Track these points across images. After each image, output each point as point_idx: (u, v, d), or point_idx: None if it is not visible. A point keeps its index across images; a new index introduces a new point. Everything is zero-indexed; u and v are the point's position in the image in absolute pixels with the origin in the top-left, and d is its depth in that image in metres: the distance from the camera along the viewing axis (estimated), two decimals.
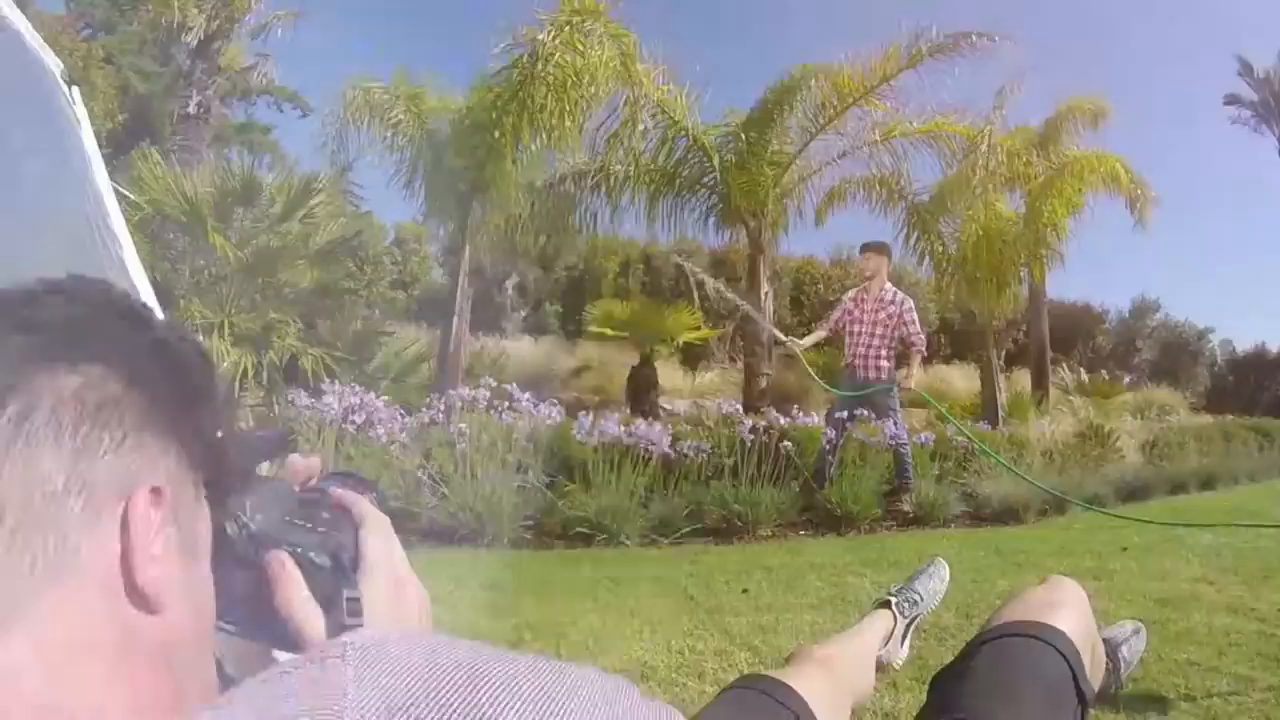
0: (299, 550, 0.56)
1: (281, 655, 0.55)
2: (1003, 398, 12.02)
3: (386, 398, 6.04)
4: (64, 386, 0.42)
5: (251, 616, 0.55)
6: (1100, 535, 5.72)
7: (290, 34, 16.63)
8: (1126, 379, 17.98)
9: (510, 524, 5.24)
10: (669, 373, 13.78)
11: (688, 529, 5.63)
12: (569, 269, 19.07)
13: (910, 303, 6.82)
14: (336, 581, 0.56)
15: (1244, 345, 27.23)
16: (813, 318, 15.23)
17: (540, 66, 8.24)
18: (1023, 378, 16.46)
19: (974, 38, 9.41)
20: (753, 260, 10.10)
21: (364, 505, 0.62)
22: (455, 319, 8.89)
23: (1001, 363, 18.56)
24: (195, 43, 15.12)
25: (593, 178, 10.64)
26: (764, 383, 8.87)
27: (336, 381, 6.09)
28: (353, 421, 5.56)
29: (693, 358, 15.64)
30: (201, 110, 15.65)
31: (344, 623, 0.53)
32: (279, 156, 17.82)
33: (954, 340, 21.41)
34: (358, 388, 5.89)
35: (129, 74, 15.63)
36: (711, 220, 10.43)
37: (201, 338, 7.57)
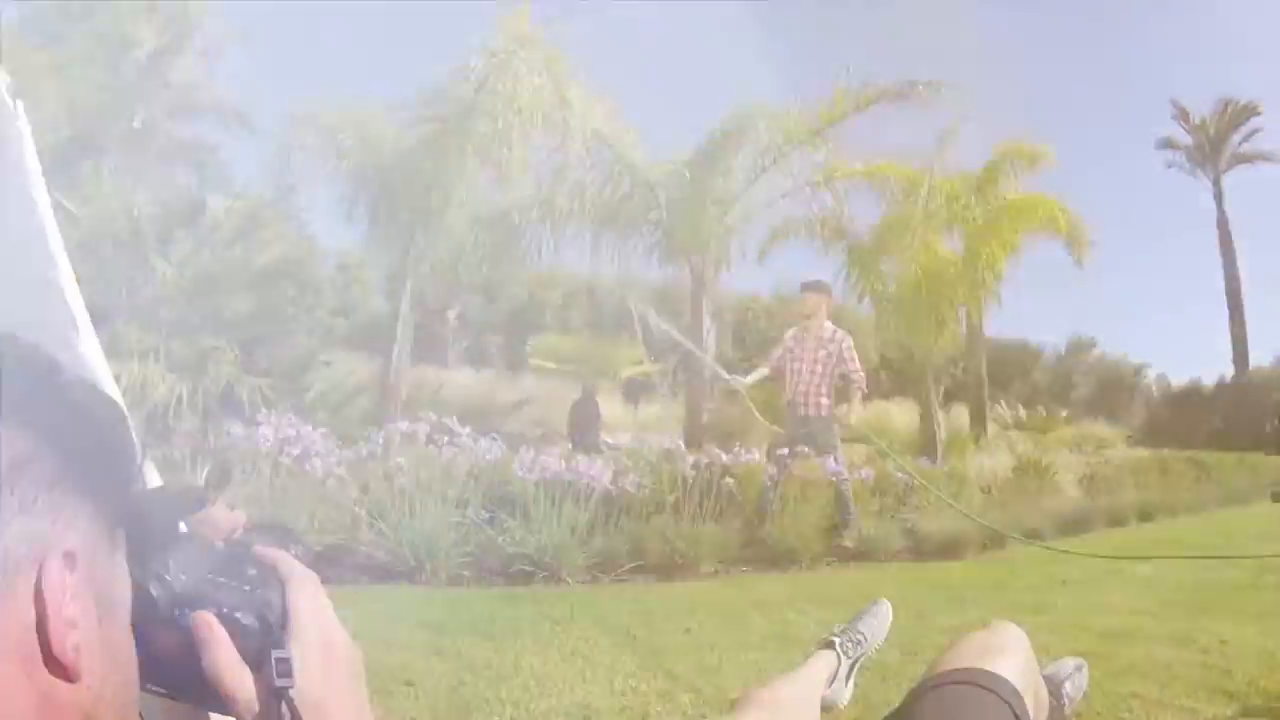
0: (224, 610, 0.53)
1: (215, 717, 0.54)
2: (941, 434, 12.23)
3: (324, 429, 5.89)
4: None
5: (180, 678, 0.52)
6: (1040, 569, 5.77)
7: (241, 53, 16.44)
8: (1063, 414, 18.42)
9: (449, 561, 5.10)
10: (611, 406, 13.72)
11: (630, 566, 5.57)
12: (512, 300, 19.03)
13: (849, 340, 6.91)
14: (264, 641, 0.53)
15: (1179, 381, 28.19)
16: (755, 353, 15.37)
17: (480, 97, 8.26)
18: (962, 414, 16.77)
19: (920, 86, 9.69)
20: (695, 296, 10.16)
21: (288, 562, 0.58)
22: (396, 349, 8.76)
23: (940, 399, 18.96)
24: (145, 57, 14.82)
25: (537, 210, 10.64)
26: (706, 418, 8.88)
27: (273, 412, 5.93)
28: (289, 453, 5.40)
29: (635, 392, 15.65)
30: (147, 126, 15.29)
31: (274, 684, 0.51)
32: (225, 177, 17.52)
33: (894, 377, 21.76)
34: (294, 418, 5.73)
35: (78, 85, 15.23)
36: (655, 256, 10.50)
37: (137, 362, 7.40)
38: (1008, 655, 1.23)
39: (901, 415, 16.46)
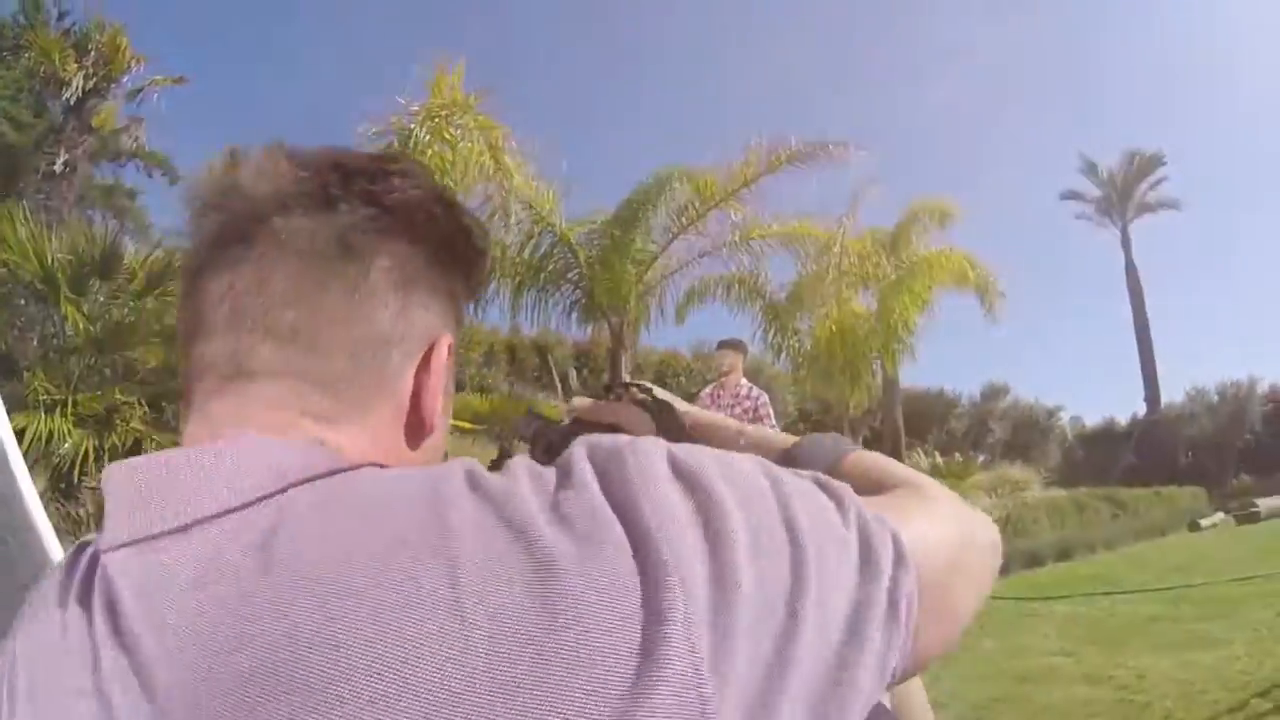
0: None
1: None
2: None
3: None
4: (395, 253, 0.54)
5: None
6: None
7: (167, 100, 16.07)
8: (980, 459, 18.84)
9: None
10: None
11: None
12: None
13: (765, 397, 7.00)
14: None
15: (1094, 421, 29.20)
16: None
17: (412, 155, 8.26)
18: None
19: (830, 146, 10.04)
20: (614, 355, 10.21)
21: None
22: None
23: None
24: (72, 99, 14.37)
25: None
26: None
27: None
28: None
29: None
30: (68, 169, 14.76)
31: None
32: (143, 225, 16.97)
33: (812, 429, 22.08)
34: None
35: (2, 122, 14.64)
36: (575, 314, 10.53)
37: (44, 415, 7.04)
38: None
39: None
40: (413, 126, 8.35)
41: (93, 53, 14.37)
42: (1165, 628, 4.92)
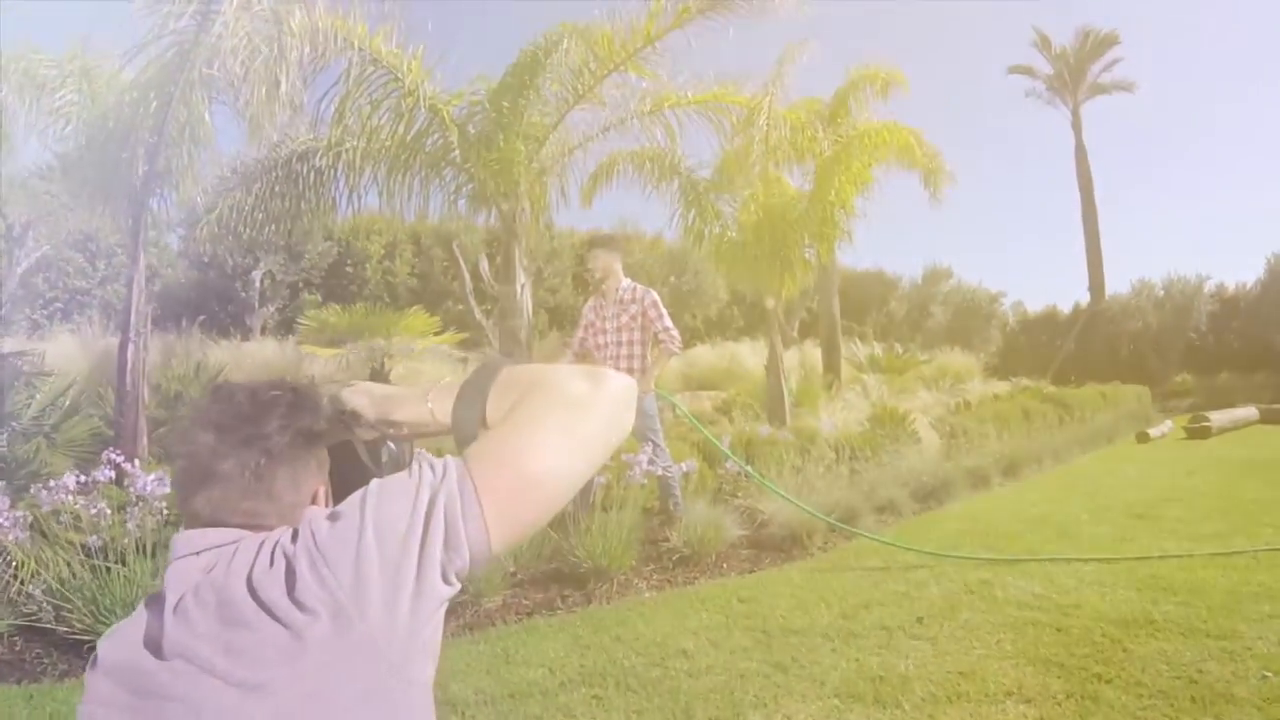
0: None
1: None
2: (790, 384, 11.41)
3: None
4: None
5: None
6: (891, 582, 4.87)
7: None
8: (921, 355, 18.09)
9: None
10: (434, 369, 12.31)
11: None
12: (326, 256, 17.00)
13: (654, 295, 5.84)
14: None
15: (1035, 308, 28.66)
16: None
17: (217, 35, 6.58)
18: (816, 354, 16.19)
19: None
20: (506, 247, 8.78)
21: None
22: (132, 347, 7.08)
23: (794, 333, 18.37)
24: None
25: (321, 156, 9.00)
26: None
27: None
28: None
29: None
30: None
31: None
32: None
33: (747, 314, 21.07)
34: None
35: None
36: (462, 202, 9.01)
37: None
38: None
39: (753, 356, 15.70)
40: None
41: None
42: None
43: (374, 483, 0.91)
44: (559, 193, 9.75)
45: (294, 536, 0.89)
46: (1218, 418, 13.26)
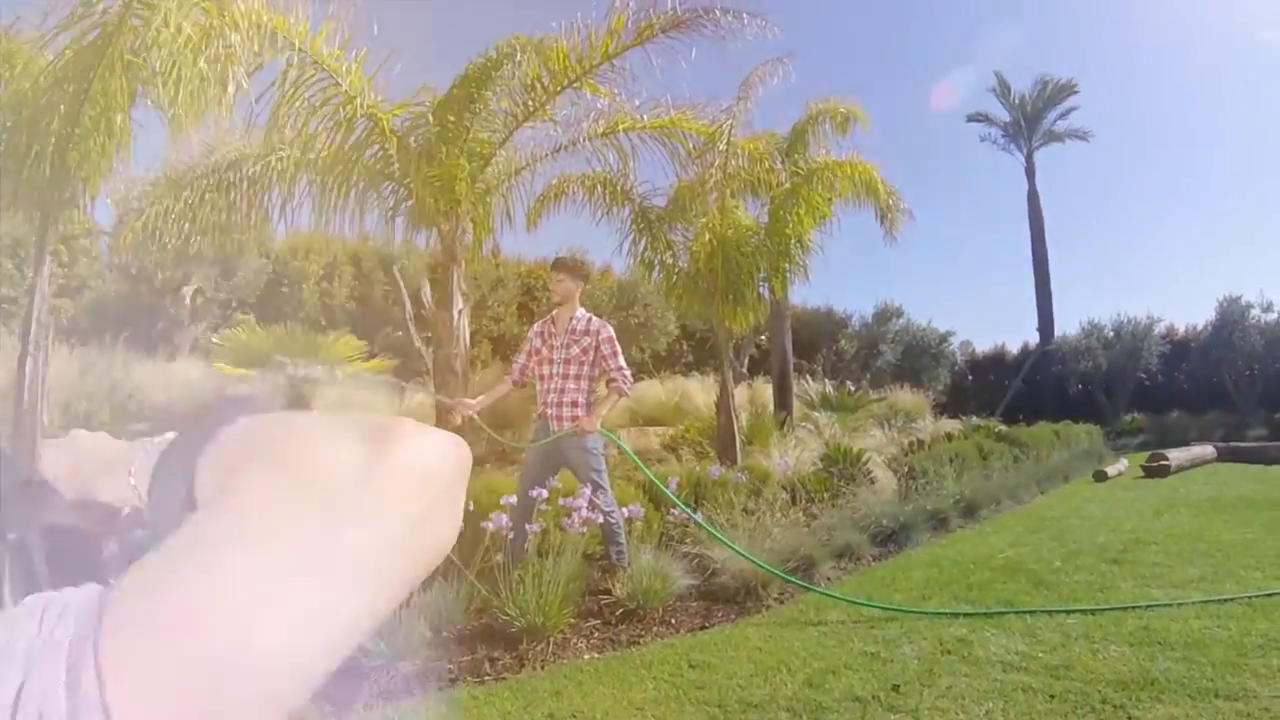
0: None
1: None
2: (741, 421, 10.98)
3: None
4: None
5: None
6: (858, 640, 4.40)
7: None
8: (872, 393, 17.87)
9: None
10: (368, 397, 11.65)
11: None
12: (261, 274, 16.22)
13: (609, 331, 5.35)
14: None
15: (984, 348, 28.85)
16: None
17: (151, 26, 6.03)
18: (766, 390, 15.83)
19: (717, 14, 8.04)
20: (445, 270, 8.22)
21: None
22: (30, 361, 6.42)
23: (744, 369, 18.01)
24: None
25: (254, 164, 8.40)
26: (459, 420, 6.82)
27: None
28: None
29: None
30: None
31: None
32: None
33: (697, 349, 20.71)
34: None
35: None
36: (400, 219, 8.43)
37: None
38: None
39: (702, 392, 15.26)
40: None
41: None
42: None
43: None
44: (504, 215, 9.25)
45: None
46: (1176, 456, 13.12)
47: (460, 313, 8.06)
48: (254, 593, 0.37)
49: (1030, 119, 28.53)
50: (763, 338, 17.60)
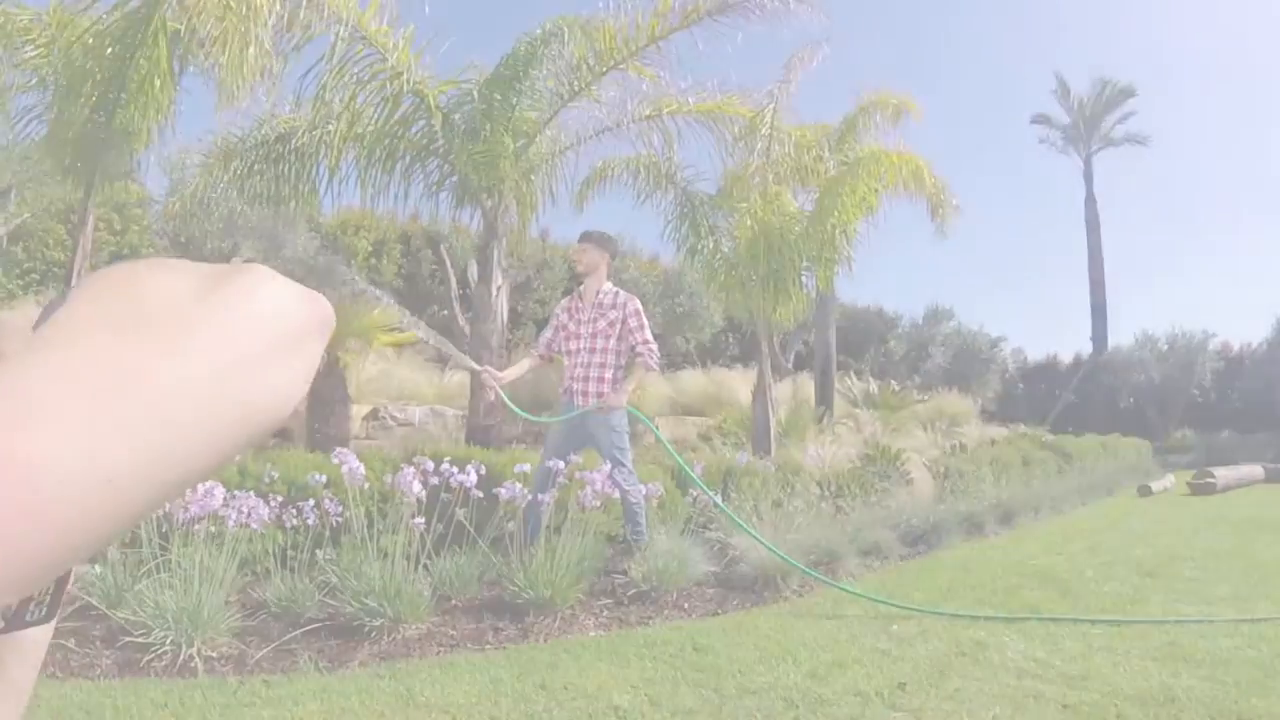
0: None
1: None
2: (778, 415, 10.85)
3: None
4: None
5: None
6: (871, 636, 4.30)
7: None
8: (917, 394, 17.55)
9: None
10: (410, 373, 11.76)
11: (297, 633, 3.79)
12: (307, 248, 16.41)
13: (635, 304, 5.31)
14: None
15: (1035, 357, 28.17)
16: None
17: None
18: (810, 385, 15.63)
19: None
20: (486, 246, 8.24)
21: None
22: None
23: (790, 364, 17.81)
24: None
25: (301, 136, 8.50)
26: (492, 397, 6.85)
27: None
28: None
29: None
30: None
31: None
32: None
33: (742, 342, 20.49)
34: None
35: None
36: (443, 195, 8.48)
37: None
38: None
39: (745, 385, 15.10)
40: None
41: None
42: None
43: None
44: (549, 194, 9.22)
45: None
46: (1223, 475, 12.76)
47: (499, 289, 8.08)
48: (65, 405, 0.29)
49: (1089, 122, 27.80)
50: (809, 336, 17.40)
